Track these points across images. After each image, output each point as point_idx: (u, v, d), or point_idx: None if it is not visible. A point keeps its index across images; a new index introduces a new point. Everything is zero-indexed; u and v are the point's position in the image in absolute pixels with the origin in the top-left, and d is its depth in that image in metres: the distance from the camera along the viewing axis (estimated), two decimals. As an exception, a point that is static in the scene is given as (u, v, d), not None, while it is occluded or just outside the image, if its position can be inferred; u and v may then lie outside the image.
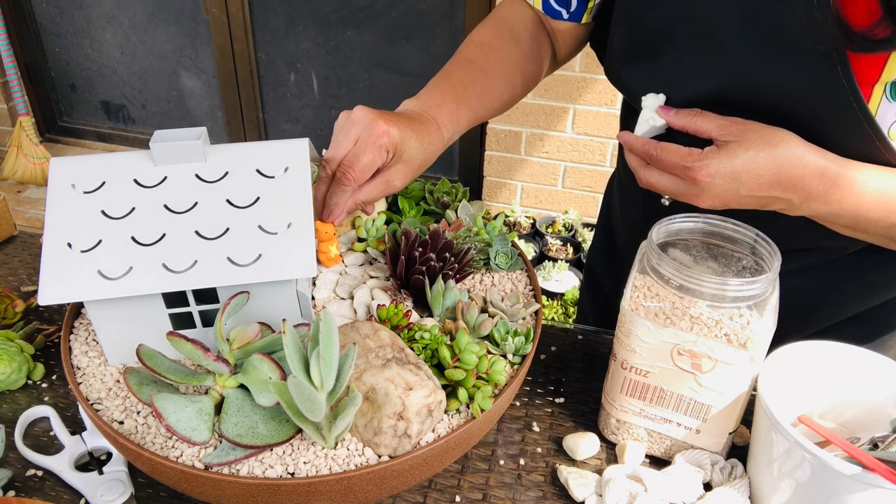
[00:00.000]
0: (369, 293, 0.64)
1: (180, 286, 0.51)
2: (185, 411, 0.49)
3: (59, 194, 0.53)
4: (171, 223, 0.53)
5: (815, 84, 0.56)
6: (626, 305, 0.61)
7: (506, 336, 0.59)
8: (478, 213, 0.72)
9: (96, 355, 0.59)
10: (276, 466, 0.49)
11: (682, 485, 0.62)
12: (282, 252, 0.52)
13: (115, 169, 0.54)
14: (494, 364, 0.56)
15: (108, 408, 0.55)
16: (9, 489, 0.63)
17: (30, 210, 2.65)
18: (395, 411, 0.49)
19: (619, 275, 0.77)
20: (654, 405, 0.64)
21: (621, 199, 0.89)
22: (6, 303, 0.81)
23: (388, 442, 0.50)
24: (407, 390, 0.50)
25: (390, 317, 0.57)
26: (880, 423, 0.61)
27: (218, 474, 0.47)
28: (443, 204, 0.74)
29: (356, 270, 0.67)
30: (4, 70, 2.72)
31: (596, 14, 0.80)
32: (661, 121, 0.63)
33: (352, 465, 0.49)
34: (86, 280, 0.51)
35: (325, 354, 0.46)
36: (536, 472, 0.66)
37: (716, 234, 0.64)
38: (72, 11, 2.73)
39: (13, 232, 1.00)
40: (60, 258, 0.51)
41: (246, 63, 2.62)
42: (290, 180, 0.55)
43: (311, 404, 0.46)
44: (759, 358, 0.58)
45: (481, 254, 0.67)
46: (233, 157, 0.55)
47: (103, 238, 0.52)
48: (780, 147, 0.56)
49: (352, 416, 0.48)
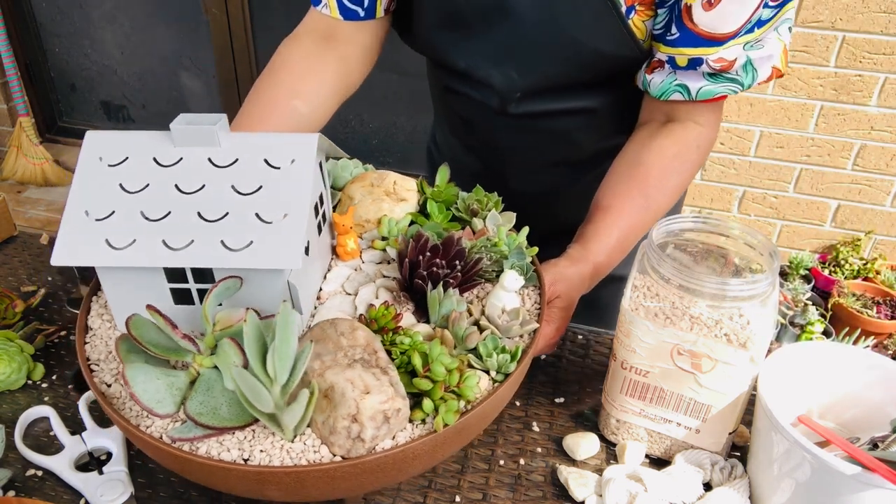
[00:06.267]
0: (374, 292, 0.64)
1: (175, 263, 0.53)
2: (154, 383, 0.51)
3: (87, 164, 0.57)
4: (177, 202, 0.55)
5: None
6: (626, 305, 0.61)
7: (492, 352, 0.57)
8: (506, 225, 0.70)
9: (109, 318, 0.61)
10: (233, 450, 0.50)
11: (682, 485, 0.62)
12: (272, 241, 0.53)
13: (140, 146, 0.57)
14: (467, 379, 0.53)
15: (102, 370, 0.57)
16: (9, 489, 0.63)
17: (30, 210, 2.65)
18: (349, 413, 0.49)
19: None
20: (654, 405, 0.64)
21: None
22: (6, 303, 0.81)
23: (342, 443, 0.49)
24: (364, 393, 0.49)
25: (378, 317, 0.56)
26: (880, 423, 0.61)
27: (178, 449, 0.49)
28: (472, 211, 0.72)
29: (371, 268, 0.67)
30: (4, 70, 2.72)
31: (388, 7, 0.84)
32: (518, 301, 0.63)
33: (304, 460, 0.49)
34: (94, 247, 0.54)
35: (280, 347, 0.47)
36: (536, 472, 0.66)
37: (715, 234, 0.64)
38: (72, 11, 2.73)
39: (13, 232, 1.00)
40: (77, 224, 0.55)
41: (246, 63, 2.61)
42: (294, 172, 0.55)
43: (256, 395, 0.47)
44: (759, 358, 0.58)
45: (496, 265, 0.66)
46: (246, 144, 0.57)
47: (116, 209, 0.55)
48: (573, 293, 0.72)
49: (300, 412, 0.48)
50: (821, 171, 2.01)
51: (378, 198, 0.72)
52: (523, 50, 0.79)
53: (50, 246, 0.98)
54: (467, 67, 0.84)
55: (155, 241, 0.54)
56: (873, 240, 2.08)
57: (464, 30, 0.80)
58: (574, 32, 0.75)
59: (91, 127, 2.99)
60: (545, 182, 0.94)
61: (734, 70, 0.72)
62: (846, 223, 2.08)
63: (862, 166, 1.97)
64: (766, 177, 2.06)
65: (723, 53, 0.71)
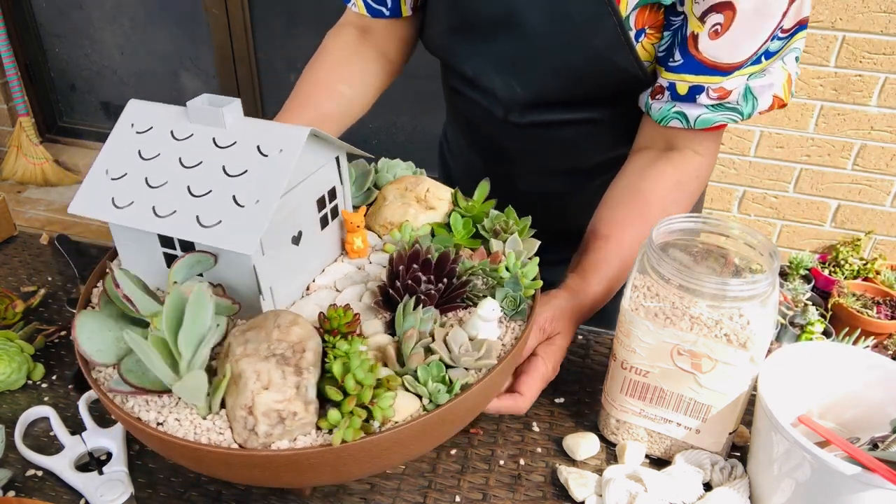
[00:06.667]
0: (360, 294, 0.64)
1: (156, 229, 0.57)
2: (104, 334, 0.53)
3: (120, 128, 0.62)
4: (176, 174, 0.58)
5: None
6: (626, 305, 0.61)
7: (428, 378, 0.54)
8: (525, 252, 0.67)
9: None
10: (153, 412, 0.52)
11: (682, 485, 0.62)
12: (237, 224, 0.55)
13: (165, 118, 0.61)
14: (381, 399, 0.51)
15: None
16: (9, 489, 0.63)
17: (30, 210, 2.65)
18: (245, 403, 0.50)
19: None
20: (654, 405, 0.64)
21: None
22: (6, 303, 0.81)
23: (240, 431, 0.50)
24: (263, 388, 0.50)
25: (332, 317, 0.55)
26: (880, 423, 0.61)
27: (111, 401, 0.53)
28: (494, 231, 0.70)
29: (375, 269, 0.67)
30: (4, 70, 2.72)
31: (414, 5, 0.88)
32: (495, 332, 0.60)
33: (206, 438, 0.51)
34: (102, 203, 0.59)
35: (186, 326, 0.50)
36: (536, 472, 0.66)
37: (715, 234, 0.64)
38: (72, 11, 2.73)
39: (13, 232, 1.00)
40: (97, 180, 0.60)
41: (246, 63, 2.61)
42: (278, 162, 0.57)
43: (150, 363, 0.49)
44: (759, 358, 0.59)
45: (492, 291, 0.63)
46: (247, 130, 0.59)
47: (128, 172, 0.59)
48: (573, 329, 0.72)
49: (190, 389, 0.50)
50: (821, 171, 2.01)
51: (407, 202, 0.72)
52: (527, 62, 0.79)
53: (50, 246, 0.98)
54: (474, 74, 0.85)
55: (147, 206, 0.57)
56: (873, 240, 2.08)
57: (473, 36, 0.81)
58: (580, 51, 0.75)
59: (91, 127, 2.99)
60: (551, 186, 0.94)
61: (734, 100, 0.71)
62: (846, 223, 2.08)
63: (862, 166, 1.98)
64: (766, 177, 2.06)
65: (724, 83, 0.70)
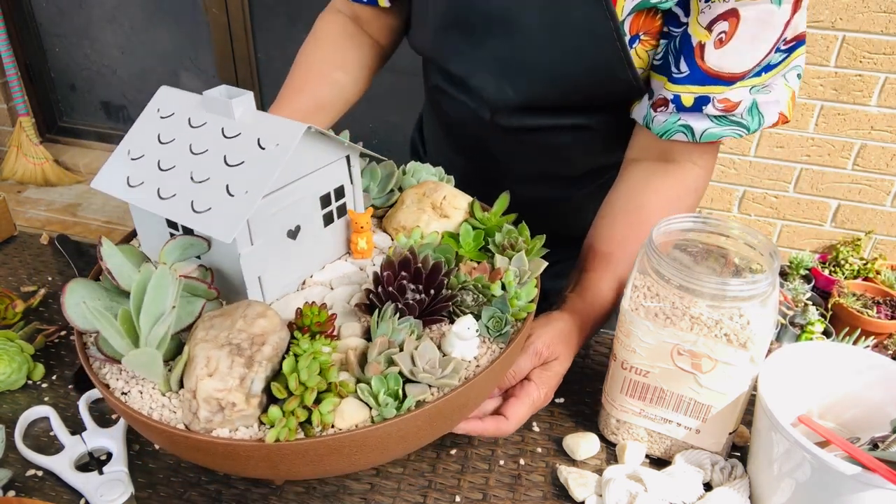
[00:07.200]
0: (349, 295, 0.63)
1: (157, 210, 0.58)
2: (92, 303, 0.54)
3: (148, 112, 0.65)
4: (184, 160, 0.60)
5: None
6: (626, 305, 0.61)
7: (379, 390, 0.53)
8: (532, 271, 0.65)
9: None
10: (120, 381, 0.55)
11: (682, 485, 0.62)
12: (222, 213, 0.55)
13: (186, 105, 0.63)
14: (323, 402, 0.51)
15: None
16: (9, 489, 0.63)
17: (30, 210, 2.65)
18: (191, 387, 0.51)
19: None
20: (654, 405, 0.64)
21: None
22: (6, 303, 0.81)
23: (186, 412, 0.51)
24: (207, 375, 0.51)
25: (305, 314, 0.55)
26: (880, 423, 0.61)
27: (90, 366, 0.56)
28: (502, 247, 0.68)
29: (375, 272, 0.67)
30: (4, 70, 2.72)
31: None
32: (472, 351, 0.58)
33: (158, 414, 0.52)
34: (118, 181, 0.61)
35: (146, 305, 0.52)
36: (536, 472, 0.66)
37: (715, 234, 0.64)
38: (72, 11, 2.73)
39: (13, 232, 1.00)
40: (119, 159, 0.63)
41: (246, 63, 2.61)
42: (273, 155, 0.57)
43: (109, 335, 0.51)
44: (759, 358, 0.59)
45: (480, 307, 0.61)
46: (254, 123, 0.60)
47: (146, 154, 0.62)
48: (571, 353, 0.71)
49: (138, 366, 0.52)
50: (821, 171, 2.01)
51: (422, 208, 0.72)
52: (520, 65, 0.79)
53: (50, 246, 0.98)
54: (464, 74, 0.84)
55: (154, 188, 0.59)
56: (873, 240, 2.08)
57: (467, 35, 0.81)
58: (574, 55, 0.75)
59: (91, 127, 2.99)
60: (538, 191, 0.93)
61: (739, 113, 0.71)
62: (846, 223, 2.08)
63: (862, 166, 1.97)
64: (766, 177, 2.06)
65: (728, 94, 0.70)
